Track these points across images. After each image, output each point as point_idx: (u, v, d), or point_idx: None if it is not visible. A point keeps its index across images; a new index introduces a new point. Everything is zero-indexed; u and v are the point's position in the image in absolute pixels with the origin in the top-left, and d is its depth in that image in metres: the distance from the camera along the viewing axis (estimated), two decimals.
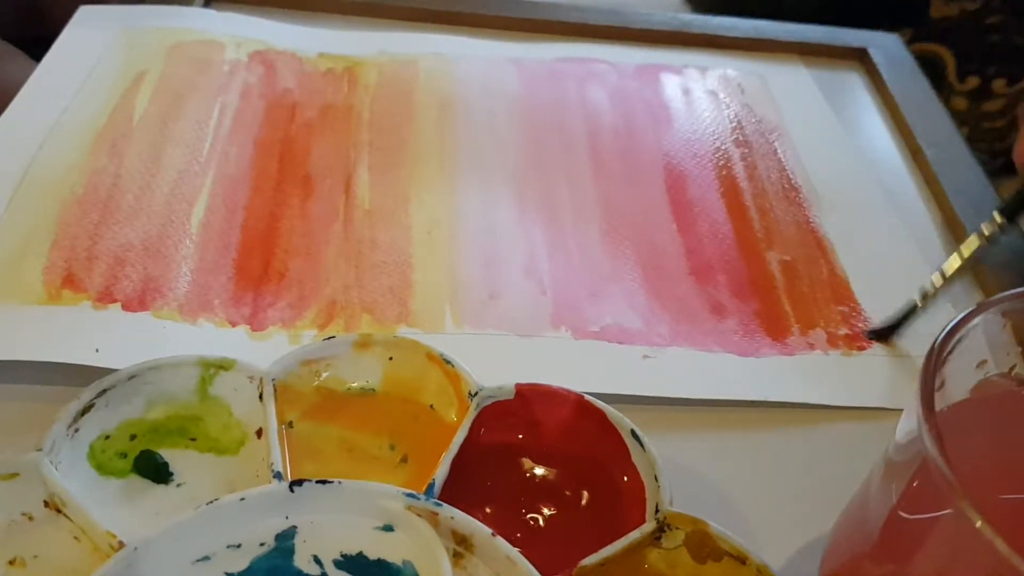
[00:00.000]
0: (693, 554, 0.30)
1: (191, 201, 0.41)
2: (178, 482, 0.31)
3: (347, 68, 0.51)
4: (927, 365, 0.23)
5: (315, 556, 0.29)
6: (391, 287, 0.39)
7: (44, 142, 0.43)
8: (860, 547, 0.26)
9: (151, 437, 0.32)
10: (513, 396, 0.33)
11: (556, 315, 0.39)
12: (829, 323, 0.40)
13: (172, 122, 0.45)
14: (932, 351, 0.23)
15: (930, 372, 0.23)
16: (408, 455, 0.33)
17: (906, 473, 0.23)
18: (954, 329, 0.24)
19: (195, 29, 0.51)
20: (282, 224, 0.41)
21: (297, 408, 0.34)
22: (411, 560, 0.29)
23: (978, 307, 0.25)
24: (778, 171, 0.48)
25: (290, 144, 0.46)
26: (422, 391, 0.34)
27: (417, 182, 0.45)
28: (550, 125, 0.49)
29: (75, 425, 0.31)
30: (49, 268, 0.37)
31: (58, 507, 0.29)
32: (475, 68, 0.53)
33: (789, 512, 0.33)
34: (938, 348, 0.24)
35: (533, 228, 0.43)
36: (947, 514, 0.20)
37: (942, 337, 0.24)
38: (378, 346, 0.35)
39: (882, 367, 0.38)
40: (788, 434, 0.36)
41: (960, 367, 0.25)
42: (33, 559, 0.28)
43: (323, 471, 0.31)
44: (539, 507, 0.32)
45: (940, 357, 0.24)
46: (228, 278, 0.39)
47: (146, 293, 0.37)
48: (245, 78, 0.49)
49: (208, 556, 0.28)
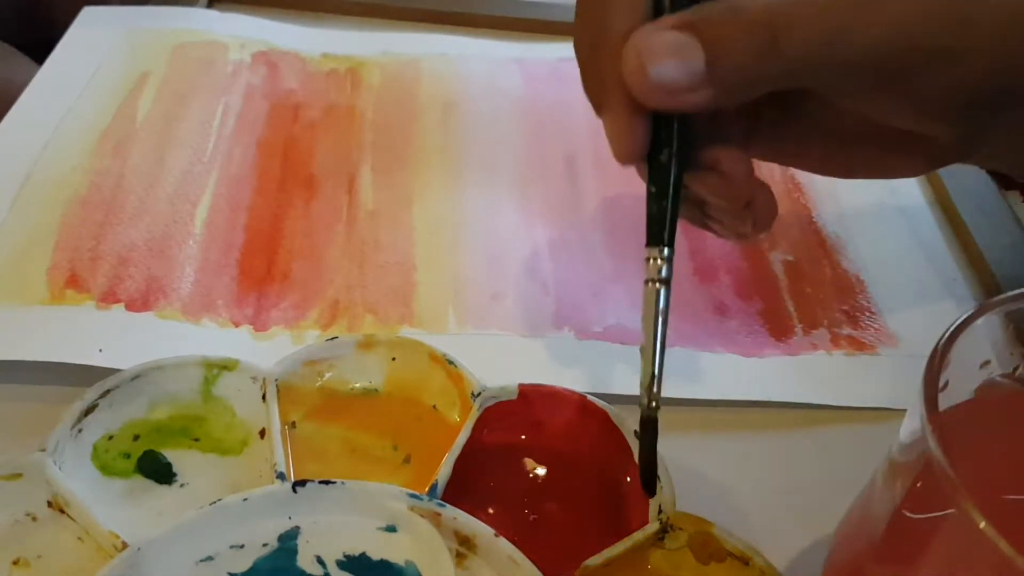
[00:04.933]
0: (696, 555, 0.30)
1: (194, 202, 0.41)
2: (181, 482, 0.31)
3: (350, 68, 0.51)
4: (930, 366, 0.23)
5: (318, 557, 0.29)
6: (394, 287, 0.39)
7: (48, 143, 0.43)
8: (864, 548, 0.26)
9: (154, 437, 0.32)
10: (516, 396, 0.33)
11: (559, 315, 0.39)
12: (832, 323, 0.40)
13: (176, 123, 0.45)
14: (935, 352, 0.23)
15: (934, 373, 0.23)
16: (411, 455, 0.33)
17: (910, 474, 0.23)
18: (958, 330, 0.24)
19: (198, 30, 0.51)
20: (285, 224, 0.41)
21: (300, 408, 0.34)
22: (414, 561, 0.29)
23: (982, 307, 0.25)
24: (780, 170, 0.48)
25: (293, 145, 0.46)
26: (425, 391, 0.34)
27: (420, 182, 0.45)
28: (553, 125, 0.49)
29: (79, 425, 0.31)
30: (53, 268, 0.37)
31: (61, 507, 0.29)
32: (478, 68, 0.53)
33: (792, 513, 0.33)
34: (942, 349, 0.23)
35: (536, 228, 0.43)
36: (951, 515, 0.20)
37: (946, 338, 0.24)
38: (381, 347, 0.35)
39: (885, 367, 0.38)
40: (791, 434, 0.36)
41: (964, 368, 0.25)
42: (37, 559, 0.28)
43: (326, 471, 0.31)
44: (542, 507, 0.32)
45: (944, 358, 0.23)
46: (231, 278, 0.39)
47: (149, 293, 0.37)
48: (248, 79, 0.49)
49: (211, 556, 0.28)
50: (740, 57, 0.25)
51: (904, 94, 0.26)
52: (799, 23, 0.24)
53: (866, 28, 0.24)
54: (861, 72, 0.25)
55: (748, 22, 0.25)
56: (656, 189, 0.28)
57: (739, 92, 0.26)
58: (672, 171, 0.28)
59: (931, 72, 0.25)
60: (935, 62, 0.25)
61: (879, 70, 0.25)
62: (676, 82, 0.25)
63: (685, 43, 0.25)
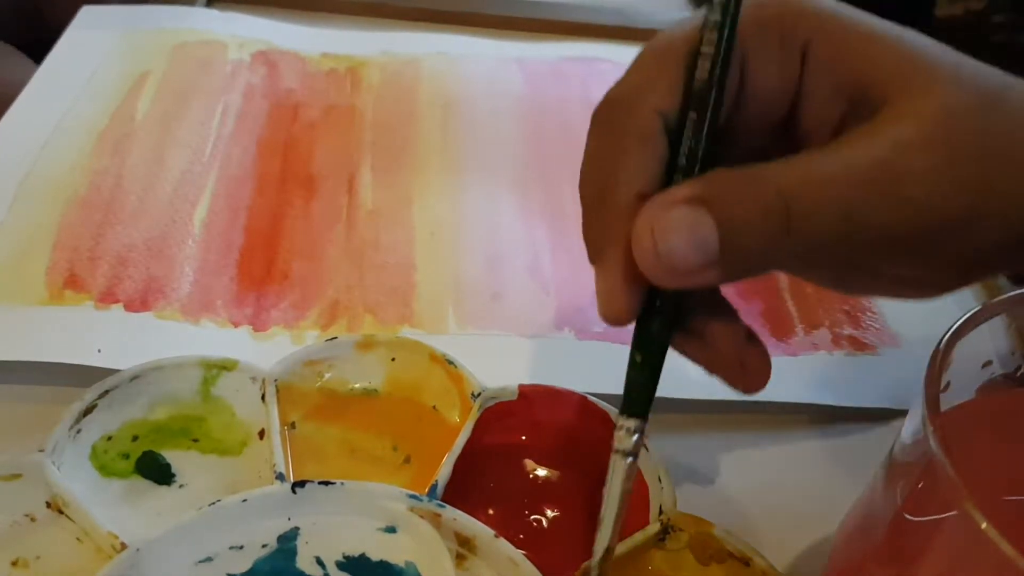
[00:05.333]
0: (697, 556, 0.30)
1: (194, 201, 0.41)
2: (180, 483, 0.31)
3: (350, 68, 0.51)
4: (932, 366, 0.23)
5: (317, 557, 0.29)
6: (394, 288, 0.39)
7: (47, 142, 0.43)
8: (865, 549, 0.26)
9: (153, 438, 0.32)
10: (516, 397, 0.33)
11: (559, 315, 0.39)
12: (834, 323, 0.40)
13: (175, 122, 0.45)
14: (937, 352, 0.23)
15: (935, 373, 0.23)
16: (411, 456, 0.33)
17: (911, 474, 0.23)
18: (959, 330, 0.24)
19: (198, 29, 0.51)
20: (285, 224, 0.41)
21: (300, 409, 0.33)
22: (414, 561, 0.29)
23: (983, 308, 0.25)
24: None
25: (293, 144, 0.46)
26: (425, 392, 0.34)
27: (420, 182, 0.45)
28: (553, 125, 0.49)
29: (77, 426, 0.31)
30: (51, 268, 0.37)
31: (60, 508, 0.29)
32: (478, 68, 0.53)
33: (793, 514, 0.33)
34: (943, 349, 0.23)
35: (536, 228, 0.43)
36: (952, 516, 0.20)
37: (947, 338, 0.24)
38: (381, 347, 0.35)
39: (887, 368, 0.38)
40: (792, 435, 0.36)
41: (965, 368, 0.25)
42: (36, 560, 0.28)
43: (325, 472, 0.31)
44: (542, 508, 0.32)
45: (945, 358, 0.23)
46: (231, 278, 0.38)
47: (148, 293, 0.37)
48: (248, 78, 0.49)
49: (210, 557, 0.28)
50: (754, 241, 0.23)
51: (918, 259, 0.25)
52: (816, 209, 0.23)
53: (884, 207, 0.23)
54: (876, 248, 0.24)
55: (764, 206, 0.23)
56: (641, 359, 0.26)
57: (749, 273, 0.25)
58: (661, 340, 0.26)
59: (948, 239, 0.24)
60: (953, 230, 0.23)
61: (895, 244, 0.24)
62: (688, 264, 0.23)
63: (699, 221, 0.23)
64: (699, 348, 0.27)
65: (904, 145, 0.23)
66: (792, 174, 0.23)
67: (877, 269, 0.25)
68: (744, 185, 0.24)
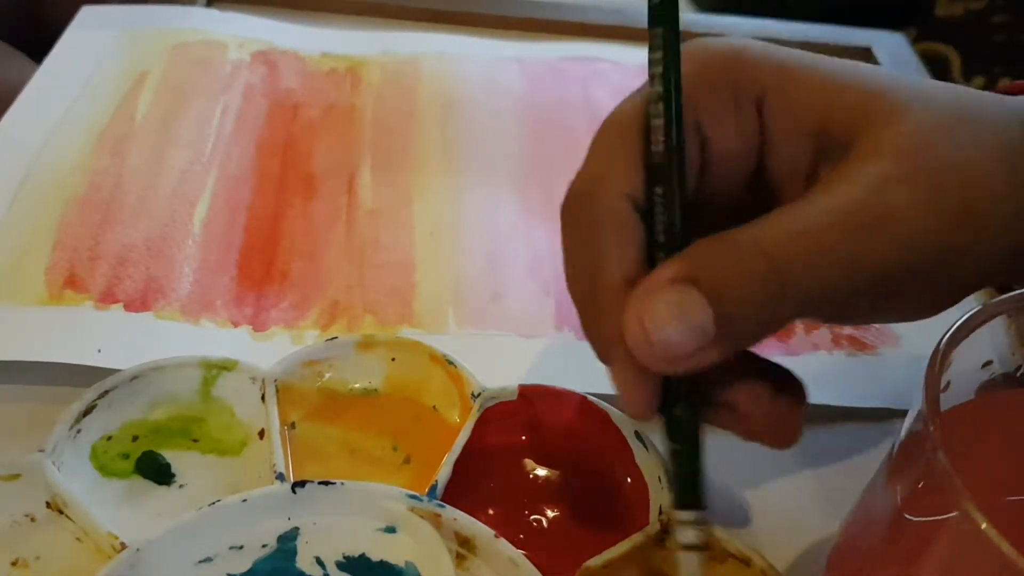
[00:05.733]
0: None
1: (193, 201, 0.41)
2: (180, 483, 0.31)
3: (350, 68, 0.51)
4: (932, 366, 0.23)
5: (317, 558, 0.29)
6: (394, 288, 0.39)
7: (47, 142, 0.43)
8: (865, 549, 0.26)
9: (153, 438, 0.32)
10: (516, 397, 0.33)
11: (559, 315, 0.39)
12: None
13: (174, 122, 0.45)
14: (937, 352, 0.23)
15: (935, 373, 0.23)
16: (411, 456, 0.33)
17: (911, 475, 0.23)
18: (959, 330, 0.24)
19: (197, 29, 0.51)
20: (285, 224, 0.41)
21: (300, 409, 0.33)
22: (414, 562, 0.29)
23: (984, 308, 0.25)
24: None
25: (293, 144, 0.46)
26: (425, 392, 0.34)
27: (420, 182, 0.44)
28: (553, 124, 0.49)
29: (77, 426, 0.31)
30: (51, 268, 0.37)
31: (60, 508, 0.29)
32: (478, 68, 0.53)
33: (794, 514, 0.33)
34: (943, 349, 0.23)
35: (536, 228, 0.43)
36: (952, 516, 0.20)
37: (947, 338, 0.24)
38: (381, 347, 0.35)
39: (887, 367, 0.38)
40: None
41: (965, 368, 0.25)
42: (35, 560, 0.28)
43: (325, 472, 0.31)
44: (542, 508, 0.32)
45: (945, 358, 0.23)
46: (231, 278, 0.38)
47: (148, 293, 0.37)
48: (247, 78, 0.49)
49: (210, 557, 0.28)
50: (751, 311, 0.23)
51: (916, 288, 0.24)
52: (808, 265, 0.22)
53: (874, 254, 0.23)
54: (870, 293, 0.23)
55: (754, 274, 0.22)
56: (678, 446, 0.25)
57: (750, 342, 0.24)
58: (691, 425, 0.25)
59: (939, 271, 0.24)
60: (944, 262, 0.23)
61: (888, 285, 0.23)
62: (684, 347, 0.22)
63: (690, 303, 0.22)
64: (732, 419, 0.26)
65: (882, 180, 0.23)
66: (777, 234, 0.23)
67: (874, 304, 0.25)
68: (730, 255, 0.23)
